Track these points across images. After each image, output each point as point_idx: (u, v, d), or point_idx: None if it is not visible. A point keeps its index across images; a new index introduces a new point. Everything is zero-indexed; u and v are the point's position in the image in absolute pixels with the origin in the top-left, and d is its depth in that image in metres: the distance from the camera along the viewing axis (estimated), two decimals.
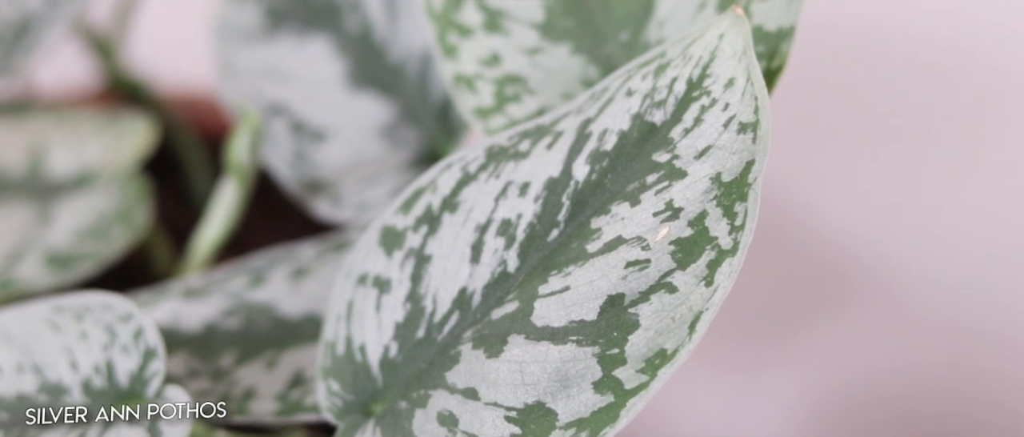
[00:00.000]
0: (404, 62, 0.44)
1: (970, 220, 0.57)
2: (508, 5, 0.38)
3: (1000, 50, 0.56)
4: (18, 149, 0.42)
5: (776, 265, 0.58)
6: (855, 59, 0.57)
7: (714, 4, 0.34)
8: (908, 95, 0.57)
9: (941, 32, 0.56)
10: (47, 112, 0.44)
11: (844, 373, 0.58)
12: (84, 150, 0.42)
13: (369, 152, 0.43)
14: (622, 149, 0.32)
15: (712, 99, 0.32)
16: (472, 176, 0.34)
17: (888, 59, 0.57)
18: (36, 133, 0.43)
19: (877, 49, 0.57)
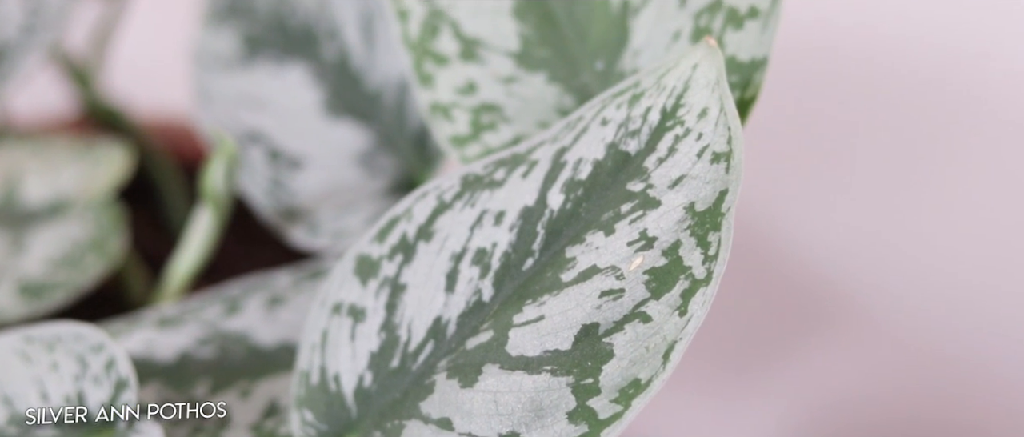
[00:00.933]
0: (381, 90, 0.44)
1: (946, 245, 0.57)
2: (484, 34, 0.38)
3: (975, 77, 0.56)
4: None
5: (752, 291, 0.58)
6: (830, 86, 0.58)
7: (688, 34, 0.35)
8: (883, 122, 0.58)
9: (916, 59, 0.57)
10: (22, 140, 0.44)
11: (821, 398, 0.58)
12: (59, 178, 0.42)
13: (346, 180, 0.43)
14: (597, 178, 0.33)
15: (686, 129, 0.32)
16: (447, 205, 0.34)
17: (863, 86, 0.58)
18: (11, 161, 0.43)
19: (853, 76, 0.58)
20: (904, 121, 0.57)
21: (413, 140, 0.44)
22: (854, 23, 0.57)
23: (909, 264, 0.58)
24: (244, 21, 0.45)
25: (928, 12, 0.56)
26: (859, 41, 0.57)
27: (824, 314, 0.58)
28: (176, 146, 0.53)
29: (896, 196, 0.58)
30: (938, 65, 0.56)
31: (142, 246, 0.50)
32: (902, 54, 0.56)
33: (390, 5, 0.39)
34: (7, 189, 0.42)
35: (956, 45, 0.56)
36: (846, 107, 0.58)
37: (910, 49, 0.56)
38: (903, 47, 0.56)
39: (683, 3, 0.35)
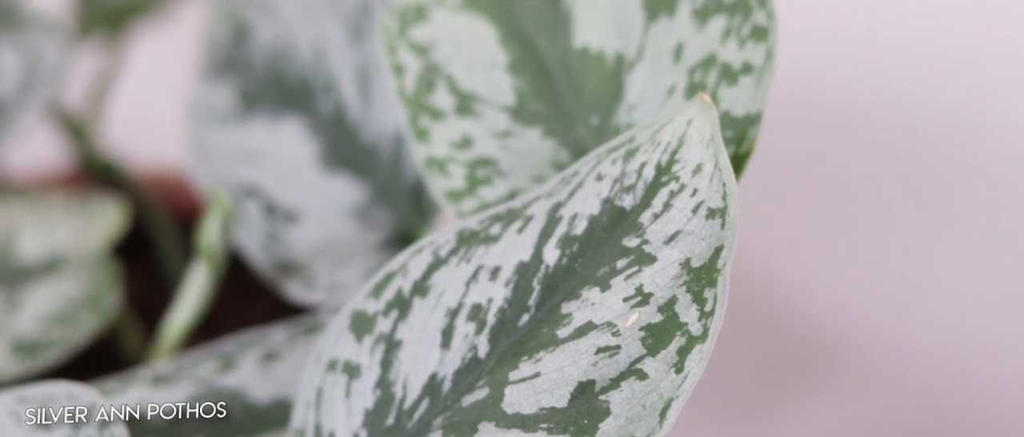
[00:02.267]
0: (377, 143, 0.44)
1: (945, 292, 0.57)
2: (480, 89, 0.38)
3: (968, 130, 0.56)
4: None
5: (749, 342, 0.58)
6: (825, 138, 0.58)
7: (683, 89, 0.35)
8: (878, 173, 0.58)
9: (909, 113, 0.57)
10: (17, 196, 0.44)
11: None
12: (54, 234, 0.42)
13: (342, 233, 0.43)
14: (592, 233, 0.33)
15: (681, 184, 0.32)
16: (443, 260, 0.34)
17: (858, 138, 0.58)
18: (6, 218, 0.43)
19: (850, 126, 0.58)
20: (899, 172, 0.57)
21: (409, 193, 0.44)
22: (847, 76, 0.57)
23: (907, 311, 0.57)
24: (241, 76, 0.45)
25: (920, 67, 0.56)
26: (852, 95, 0.57)
27: (822, 362, 0.58)
28: (172, 199, 0.53)
29: (892, 244, 0.58)
30: (932, 118, 0.56)
31: (137, 300, 0.50)
32: (895, 108, 0.57)
33: (386, 60, 0.39)
34: (2, 247, 0.42)
35: (950, 98, 0.56)
36: (841, 158, 0.58)
37: (903, 103, 0.56)
38: (896, 101, 0.56)
39: (677, 59, 0.35)
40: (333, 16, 0.44)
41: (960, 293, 0.57)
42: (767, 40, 0.33)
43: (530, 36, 0.38)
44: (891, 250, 0.58)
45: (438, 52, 0.38)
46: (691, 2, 0.35)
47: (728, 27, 0.34)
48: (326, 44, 0.44)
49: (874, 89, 0.56)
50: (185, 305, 0.41)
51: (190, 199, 0.53)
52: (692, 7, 0.35)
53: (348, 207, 0.44)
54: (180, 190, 0.54)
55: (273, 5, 0.45)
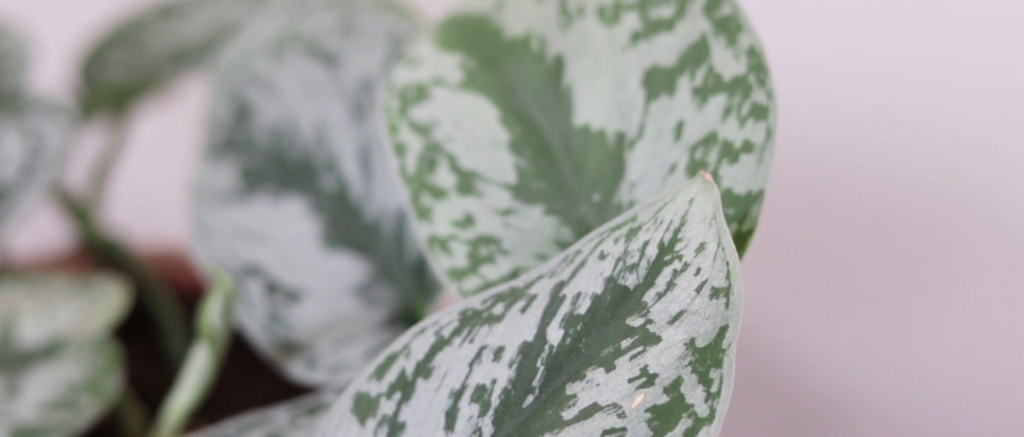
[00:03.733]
0: (379, 221, 0.44)
1: (950, 366, 0.57)
2: (481, 167, 0.38)
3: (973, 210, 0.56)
4: None
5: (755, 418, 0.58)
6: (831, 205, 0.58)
7: (684, 167, 0.35)
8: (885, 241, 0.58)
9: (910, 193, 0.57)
10: (18, 280, 0.44)
11: None
12: (54, 318, 0.42)
13: (344, 312, 0.43)
14: (596, 313, 0.32)
15: (684, 263, 0.32)
16: (446, 340, 0.34)
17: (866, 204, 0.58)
18: (7, 302, 0.42)
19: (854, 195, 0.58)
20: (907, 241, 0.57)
21: (412, 271, 0.44)
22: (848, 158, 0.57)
23: (911, 385, 0.57)
24: (243, 155, 0.45)
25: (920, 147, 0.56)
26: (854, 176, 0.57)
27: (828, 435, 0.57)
28: (174, 277, 0.53)
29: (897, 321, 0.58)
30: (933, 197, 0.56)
31: (139, 382, 0.50)
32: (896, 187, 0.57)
33: (388, 139, 0.39)
34: (3, 331, 0.41)
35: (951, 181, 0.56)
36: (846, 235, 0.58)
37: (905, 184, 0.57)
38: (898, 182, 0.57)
39: (678, 136, 0.35)
40: (335, 95, 0.45)
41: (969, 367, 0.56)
42: (767, 119, 0.33)
43: (531, 115, 0.38)
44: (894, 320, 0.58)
45: (439, 131, 0.39)
46: (690, 81, 0.35)
47: (728, 106, 0.34)
48: (328, 122, 0.45)
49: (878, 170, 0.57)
50: (187, 387, 0.41)
51: (192, 277, 0.53)
52: (692, 86, 0.35)
53: (350, 285, 0.43)
54: (182, 268, 0.54)
55: (275, 84, 0.45)
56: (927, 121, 0.56)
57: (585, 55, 0.37)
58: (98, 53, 0.50)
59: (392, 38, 0.44)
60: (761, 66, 0.34)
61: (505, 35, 0.39)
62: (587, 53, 0.37)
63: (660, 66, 0.36)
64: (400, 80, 0.40)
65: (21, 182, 0.43)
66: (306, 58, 0.45)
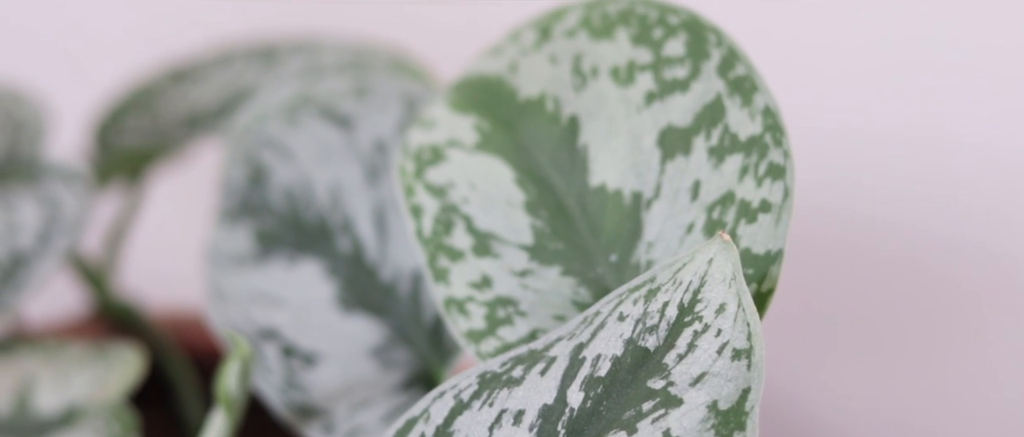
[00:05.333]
0: (395, 282, 0.44)
1: (963, 418, 0.57)
2: (497, 228, 0.38)
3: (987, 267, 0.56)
4: (4, 389, 0.42)
5: None
6: (844, 259, 0.58)
7: (701, 227, 0.35)
8: (899, 294, 0.58)
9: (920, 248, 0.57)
10: (34, 348, 0.44)
11: None
12: (71, 386, 0.42)
13: (361, 375, 0.43)
14: (616, 375, 0.32)
15: (704, 324, 0.31)
16: (465, 404, 0.34)
17: (881, 257, 0.58)
18: (23, 371, 0.42)
19: (868, 249, 0.58)
20: (919, 297, 0.57)
21: (428, 333, 0.43)
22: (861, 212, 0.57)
23: None
24: (258, 218, 0.45)
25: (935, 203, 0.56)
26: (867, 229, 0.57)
27: None
28: (188, 342, 0.53)
29: (913, 374, 0.57)
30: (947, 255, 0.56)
31: None
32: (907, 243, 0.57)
33: (404, 202, 0.39)
34: (19, 400, 0.41)
35: (967, 237, 0.56)
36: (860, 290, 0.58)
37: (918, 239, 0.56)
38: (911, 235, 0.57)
39: (695, 196, 0.35)
40: (349, 157, 0.45)
41: (982, 414, 0.56)
42: (784, 178, 0.33)
43: (546, 175, 0.38)
44: (910, 374, 0.57)
45: (455, 193, 0.39)
46: (706, 141, 0.35)
47: (745, 165, 0.34)
48: (343, 185, 0.45)
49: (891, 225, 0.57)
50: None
51: (207, 341, 0.53)
52: (707, 146, 0.35)
53: (367, 348, 0.43)
54: (196, 332, 0.54)
55: (289, 148, 0.45)
56: (940, 174, 0.56)
57: (600, 115, 0.37)
58: (112, 119, 0.51)
59: (406, 100, 0.44)
60: (777, 126, 0.34)
61: (520, 96, 0.39)
62: (602, 114, 0.37)
63: (675, 126, 0.36)
64: (415, 142, 0.40)
65: (38, 250, 0.43)
66: (320, 121, 0.45)
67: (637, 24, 0.37)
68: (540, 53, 0.39)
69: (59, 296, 0.56)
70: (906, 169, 0.56)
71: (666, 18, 0.36)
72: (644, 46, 0.37)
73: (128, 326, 0.51)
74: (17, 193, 0.45)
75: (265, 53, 0.53)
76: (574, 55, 0.38)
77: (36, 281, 0.43)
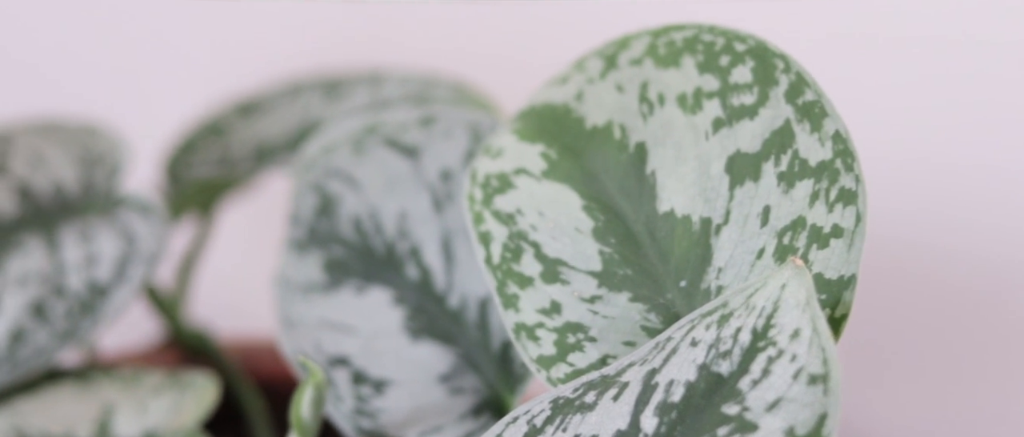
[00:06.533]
0: (462, 309, 0.44)
1: None
2: (566, 255, 0.38)
3: None
4: (85, 417, 0.42)
5: None
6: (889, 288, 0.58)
7: (772, 252, 0.35)
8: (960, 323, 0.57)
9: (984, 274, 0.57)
10: (111, 376, 0.44)
11: None
12: (148, 414, 0.43)
13: (430, 402, 0.43)
14: (690, 401, 0.32)
15: (779, 350, 0.32)
16: (539, 430, 0.34)
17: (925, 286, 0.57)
18: (102, 399, 0.43)
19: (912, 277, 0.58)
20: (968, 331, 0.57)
21: (496, 359, 0.44)
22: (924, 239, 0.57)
23: None
24: (327, 248, 0.46)
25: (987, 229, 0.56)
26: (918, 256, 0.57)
27: None
28: (256, 370, 0.54)
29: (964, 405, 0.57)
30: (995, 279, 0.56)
31: None
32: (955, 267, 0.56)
33: (472, 230, 0.39)
34: (100, 428, 0.42)
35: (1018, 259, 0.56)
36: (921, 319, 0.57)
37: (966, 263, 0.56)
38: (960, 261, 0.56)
39: (765, 222, 0.35)
40: (417, 186, 0.45)
41: None
42: (856, 203, 0.33)
43: (614, 202, 0.38)
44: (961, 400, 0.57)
45: (523, 220, 0.39)
46: (775, 167, 0.35)
47: (815, 191, 0.34)
48: (410, 214, 0.45)
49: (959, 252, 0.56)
50: None
51: (273, 368, 0.54)
52: (777, 171, 0.35)
53: (436, 375, 0.44)
54: (262, 359, 0.54)
55: (357, 178, 0.46)
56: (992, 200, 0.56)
57: (668, 143, 0.38)
58: (183, 153, 0.52)
59: (470, 129, 0.45)
60: (848, 151, 0.34)
61: (586, 124, 0.40)
62: (670, 141, 0.38)
63: (744, 152, 0.36)
64: (483, 170, 0.41)
65: (115, 281, 0.44)
66: (387, 151, 0.45)
67: (703, 52, 0.37)
68: (606, 82, 0.40)
69: (131, 325, 0.57)
70: (955, 195, 0.56)
71: (733, 45, 0.37)
72: (711, 73, 0.37)
73: (198, 354, 0.52)
74: (95, 226, 0.46)
75: (330, 86, 0.53)
76: (640, 83, 0.39)
77: (113, 311, 0.44)
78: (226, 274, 0.62)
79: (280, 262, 0.46)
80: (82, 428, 0.42)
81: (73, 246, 0.45)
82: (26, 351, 0.43)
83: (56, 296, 0.44)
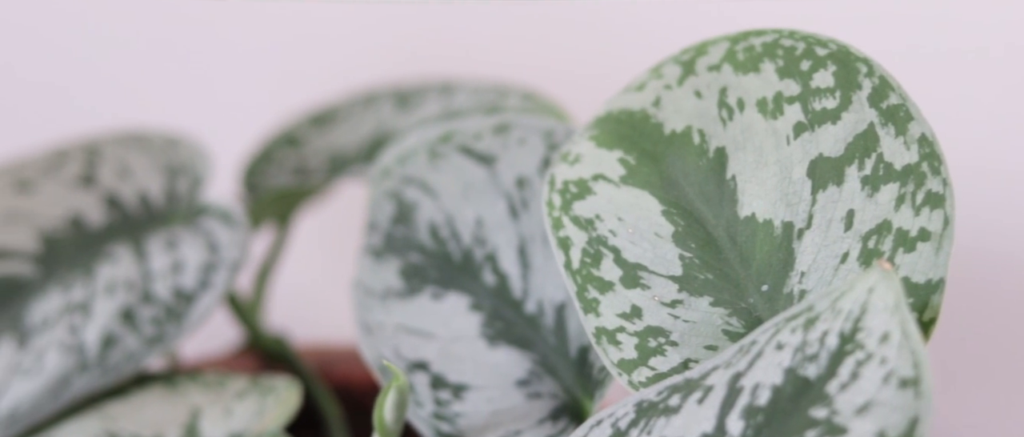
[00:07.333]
0: (539, 314, 0.45)
1: None
2: (646, 259, 0.39)
3: None
4: (173, 421, 0.43)
5: None
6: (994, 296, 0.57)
7: (857, 256, 0.35)
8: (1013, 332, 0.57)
9: None
10: (195, 380, 0.45)
11: None
12: (232, 417, 0.43)
13: (509, 406, 0.44)
14: (777, 404, 0.32)
15: (867, 353, 0.32)
16: (623, 432, 0.35)
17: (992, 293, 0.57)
18: (189, 403, 0.44)
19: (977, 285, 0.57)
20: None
21: (574, 364, 0.44)
22: None
23: None
24: (404, 255, 0.47)
25: None
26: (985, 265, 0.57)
27: None
28: (331, 375, 0.55)
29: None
30: None
31: None
32: None
33: (551, 235, 0.40)
34: (188, 431, 0.43)
35: None
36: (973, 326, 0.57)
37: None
38: None
39: (849, 226, 0.35)
40: (493, 193, 0.46)
41: None
42: (944, 206, 0.33)
43: (694, 207, 0.39)
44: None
45: (602, 225, 0.39)
46: (859, 170, 0.35)
47: (901, 194, 0.34)
48: (486, 220, 0.46)
49: None
50: None
51: (347, 374, 0.54)
52: (860, 175, 0.35)
53: (513, 380, 0.44)
54: (336, 364, 0.55)
55: (433, 185, 0.46)
56: None
57: (748, 147, 0.38)
58: (259, 164, 0.53)
59: (546, 137, 0.45)
60: (934, 154, 0.34)
61: (665, 130, 0.40)
62: (750, 145, 0.38)
63: (826, 156, 0.36)
64: (561, 176, 0.41)
65: (199, 288, 0.45)
66: (463, 158, 0.46)
67: (783, 57, 0.37)
68: (684, 87, 0.40)
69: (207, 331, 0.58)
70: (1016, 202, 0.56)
71: (814, 50, 0.37)
72: (791, 78, 0.37)
73: (275, 360, 0.53)
74: (179, 234, 0.47)
75: (401, 96, 0.54)
76: (719, 88, 0.39)
77: (198, 318, 0.45)
78: (298, 282, 0.63)
79: (357, 269, 0.47)
80: (171, 431, 0.43)
81: (159, 254, 0.46)
82: (116, 356, 0.44)
83: (144, 303, 0.45)
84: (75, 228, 0.48)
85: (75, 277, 0.47)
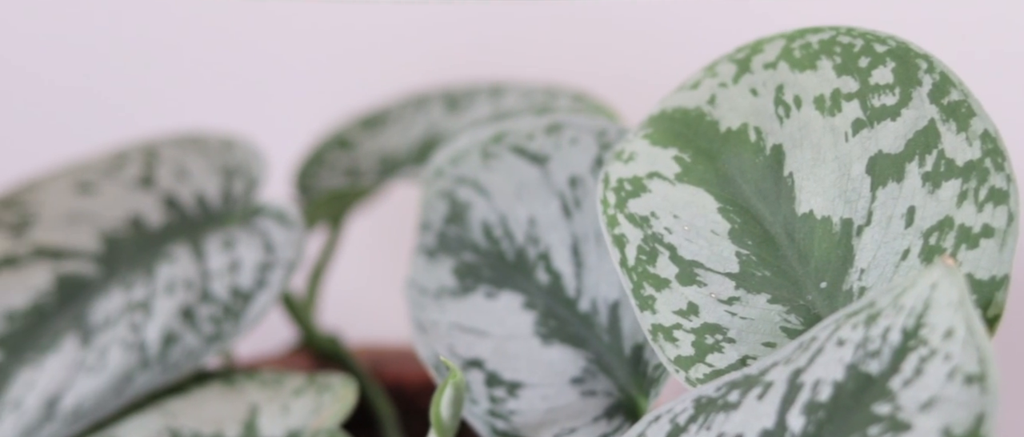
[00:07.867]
0: (593, 312, 0.45)
1: None
2: (702, 257, 0.39)
3: None
4: (232, 417, 0.44)
5: None
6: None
7: (918, 252, 0.35)
8: None
9: None
10: (253, 378, 0.46)
11: None
12: (290, 414, 0.44)
13: (563, 404, 0.44)
14: (838, 400, 0.32)
15: (931, 349, 0.32)
16: (682, 428, 0.35)
17: None
18: (247, 400, 0.45)
19: None
20: None
21: (628, 362, 0.44)
22: None
23: None
24: (457, 254, 0.47)
25: None
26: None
27: None
28: (383, 374, 0.55)
29: None
30: None
31: None
32: None
33: (606, 233, 0.40)
34: (247, 428, 0.44)
35: None
36: None
37: None
38: None
39: (909, 222, 0.35)
40: (545, 192, 0.46)
41: None
42: (1008, 203, 0.33)
43: (751, 204, 0.39)
44: None
45: (657, 223, 0.40)
46: (920, 167, 0.35)
47: (963, 190, 0.34)
48: (539, 219, 0.46)
49: None
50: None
51: (399, 372, 0.55)
52: (921, 172, 0.35)
53: (567, 378, 0.44)
54: (387, 364, 0.55)
55: (486, 185, 0.46)
56: None
57: (805, 144, 0.38)
58: (311, 166, 0.53)
59: (598, 136, 0.45)
60: (998, 150, 0.34)
61: (720, 127, 0.40)
62: (807, 142, 0.38)
63: (886, 153, 0.36)
64: (615, 175, 0.41)
65: (256, 287, 0.46)
66: (515, 158, 0.46)
67: (841, 54, 0.37)
68: (739, 85, 0.40)
69: (260, 330, 0.59)
70: None
71: (872, 47, 0.37)
72: (849, 75, 0.37)
73: (328, 359, 0.53)
74: (236, 235, 0.47)
75: (451, 98, 0.54)
76: (776, 86, 0.39)
77: (255, 316, 0.45)
78: (349, 283, 0.63)
79: (411, 268, 0.47)
80: (230, 428, 0.43)
81: (217, 254, 0.47)
82: (177, 353, 0.45)
83: (203, 301, 0.45)
84: (135, 228, 0.49)
85: (136, 276, 0.47)
